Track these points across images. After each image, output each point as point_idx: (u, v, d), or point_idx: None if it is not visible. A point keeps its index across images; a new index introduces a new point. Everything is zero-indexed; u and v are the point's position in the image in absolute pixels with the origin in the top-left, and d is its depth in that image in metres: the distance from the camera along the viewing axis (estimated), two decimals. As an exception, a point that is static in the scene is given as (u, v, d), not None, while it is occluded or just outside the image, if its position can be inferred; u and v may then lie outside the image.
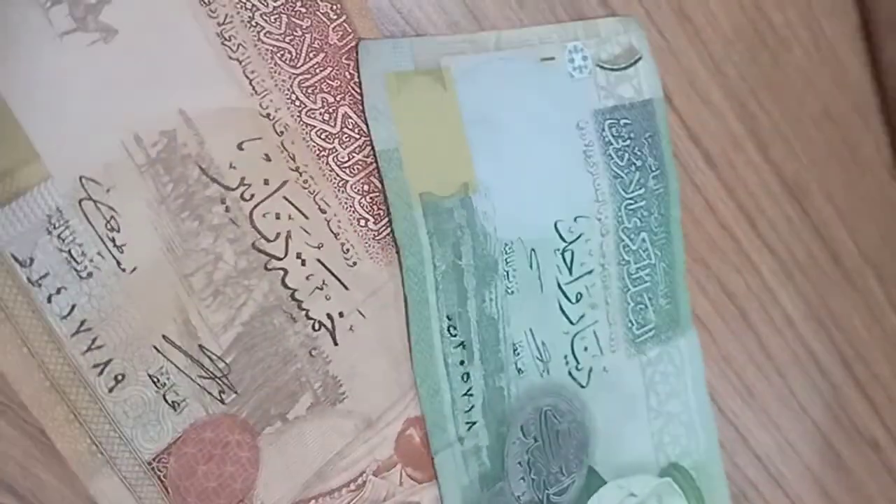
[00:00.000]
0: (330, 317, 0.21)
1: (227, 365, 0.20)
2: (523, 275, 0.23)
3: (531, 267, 0.24)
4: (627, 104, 0.25)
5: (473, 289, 0.23)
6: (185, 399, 0.19)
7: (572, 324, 0.24)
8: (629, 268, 0.25)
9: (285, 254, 0.21)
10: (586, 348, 0.25)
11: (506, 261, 0.23)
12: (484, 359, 0.23)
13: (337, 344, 0.21)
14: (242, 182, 0.20)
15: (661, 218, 0.26)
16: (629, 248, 0.25)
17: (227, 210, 0.20)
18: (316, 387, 0.21)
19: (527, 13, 0.24)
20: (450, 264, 0.22)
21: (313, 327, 0.21)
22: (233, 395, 0.20)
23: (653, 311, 0.26)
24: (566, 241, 0.24)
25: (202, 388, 0.20)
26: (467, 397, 0.23)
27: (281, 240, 0.21)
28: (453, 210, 0.22)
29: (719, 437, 0.28)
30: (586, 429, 0.25)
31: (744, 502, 0.30)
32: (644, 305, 0.26)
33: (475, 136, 0.23)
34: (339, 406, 0.21)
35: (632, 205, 0.25)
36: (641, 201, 0.26)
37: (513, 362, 0.23)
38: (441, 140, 0.22)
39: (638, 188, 0.25)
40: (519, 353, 0.23)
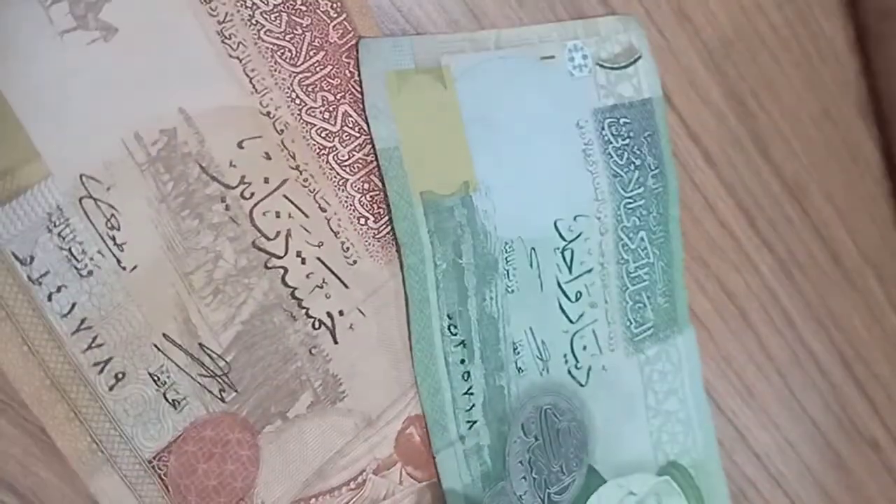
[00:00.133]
0: (330, 315, 0.21)
1: (228, 363, 0.20)
2: (523, 273, 0.23)
3: (531, 266, 0.24)
4: (627, 103, 0.25)
5: (474, 287, 0.23)
6: (186, 397, 0.19)
7: (572, 322, 0.24)
8: (628, 266, 0.25)
9: (285, 252, 0.21)
10: (585, 347, 0.25)
11: (506, 259, 0.23)
12: (484, 357, 0.23)
13: (337, 342, 0.21)
14: (242, 180, 0.20)
15: (659, 217, 0.26)
16: (628, 247, 0.25)
17: (228, 208, 0.20)
18: (316, 385, 0.21)
19: (527, 12, 0.24)
20: (450, 263, 0.22)
21: (313, 326, 0.21)
22: (233, 394, 0.20)
23: (651, 309, 0.26)
24: (566, 239, 0.24)
25: (202, 386, 0.20)
26: (468, 396, 0.23)
27: (281, 238, 0.21)
28: (454, 209, 0.22)
29: (719, 437, 0.28)
30: (586, 427, 0.25)
31: (743, 501, 0.30)
32: (642, 304, 0.26)
33: (475, 134, 0.23)
34: (339, 404, 0.21)
35: (631, 203, 0.25)
36: (640, 200, 0.26)
37: (513, 361, 0.23)
38: (441, 138, 0.22)
39: (637, 187, 0.25)
40: (519, 352, 0.23)
